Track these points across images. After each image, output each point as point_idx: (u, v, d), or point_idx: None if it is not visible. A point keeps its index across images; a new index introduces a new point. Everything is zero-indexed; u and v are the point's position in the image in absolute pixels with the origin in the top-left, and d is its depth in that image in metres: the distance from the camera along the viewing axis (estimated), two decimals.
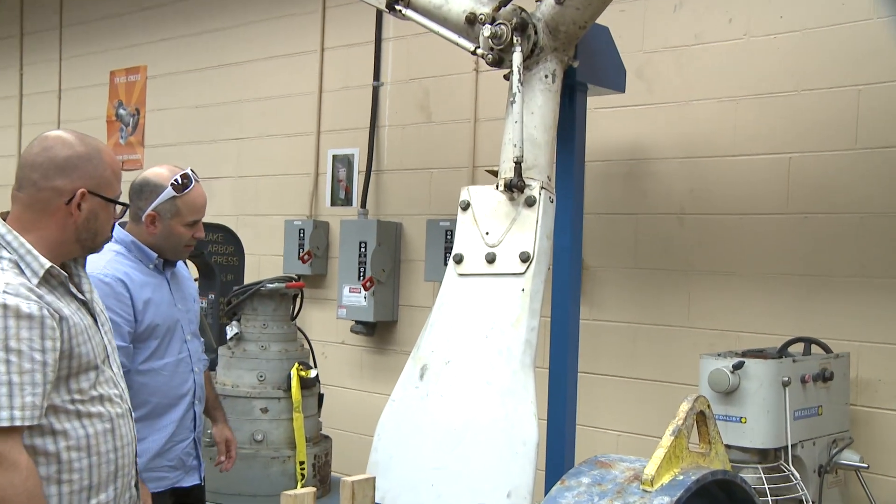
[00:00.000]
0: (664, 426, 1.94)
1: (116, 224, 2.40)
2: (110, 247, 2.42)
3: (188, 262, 4.21)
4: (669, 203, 4.54)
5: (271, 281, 4.52)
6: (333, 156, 5.90)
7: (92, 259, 2.45)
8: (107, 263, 2.93)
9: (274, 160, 6.22)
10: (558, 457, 3.46)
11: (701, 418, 2.02)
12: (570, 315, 3.58)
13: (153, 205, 3.02)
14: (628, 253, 4.65)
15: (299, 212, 5.99)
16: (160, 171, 3.08)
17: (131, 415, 2.35)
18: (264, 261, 6.10)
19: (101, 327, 2.29)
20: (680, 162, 4.51)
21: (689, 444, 1.95)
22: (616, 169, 4.69)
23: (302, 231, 5.82)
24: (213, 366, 4.45)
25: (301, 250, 5.81)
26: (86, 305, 2.27)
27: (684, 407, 1.97)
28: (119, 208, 2.32)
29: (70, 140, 2.23)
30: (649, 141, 4.60)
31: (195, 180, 3.08)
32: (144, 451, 2.93)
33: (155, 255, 3.07)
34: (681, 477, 1.86)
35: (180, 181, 3.04)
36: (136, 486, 2.37)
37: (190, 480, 3.17)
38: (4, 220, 2.20)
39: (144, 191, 3.04)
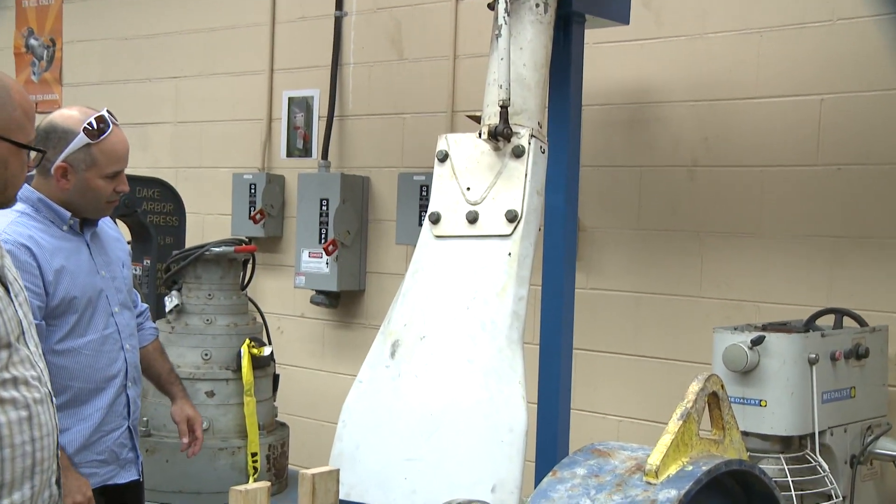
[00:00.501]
0: (671, 410, 1.95)
1: None
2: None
3: (118, 221, 4.18)
4: (680, 154, 4.54)
5: (217, 244, 4.50)
6: (289, 98, 5.86)
7: None
8: (7, 226, 2.85)
9: (220, 103, 6.17)
10: (550, 445, 3.49)
11: (713, 400, 2.03)
12: (565, 283, 3.59)
13: (63, 154, 2.94)
14: (631, 212, 4.66)
15: (250, 164, 5.95)
16: (70, 114, 3.00)
17: (52, 400, 2.33)
18: (209, 221, 6.07)
19: (13, 299, 2.26)
20: (692, 106, 4.50)
21: (700, 430, 1.97)
22: (618, 114, 4.68)
23: (253, 186, 5.79)
24: None
25: (252, 209, 5.79)
26: None
27: (694, 387, 1.99)
28: (34, 155, 2.28)
29: None
30: (657, 81, 4.59)
31: (113, 123, 3.00)
32: (68, 443, 2.92)
33: (68, 214, 3.01)
34: (690, 467, 1.87)
35: (95, 125, 2.96)
36: (58, 482, 2.35)
37: (126, 476, 3.16)
38: None
39: (52, 138, 2.95)
